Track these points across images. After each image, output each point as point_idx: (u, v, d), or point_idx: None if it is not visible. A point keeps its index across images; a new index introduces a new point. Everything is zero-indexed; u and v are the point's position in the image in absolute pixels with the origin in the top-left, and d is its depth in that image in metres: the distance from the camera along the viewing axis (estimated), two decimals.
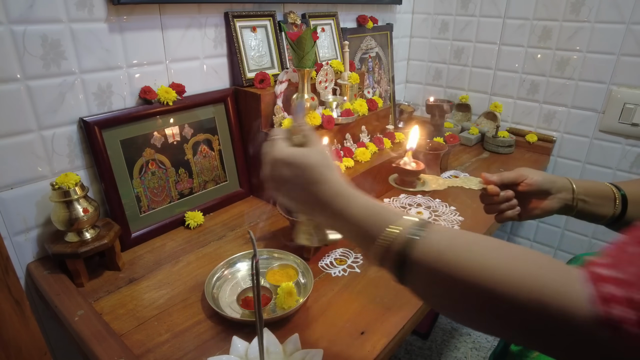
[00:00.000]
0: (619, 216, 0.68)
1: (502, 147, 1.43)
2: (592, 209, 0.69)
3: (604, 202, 0.69)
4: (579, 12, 1.29)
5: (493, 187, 0.68)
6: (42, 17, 0.73)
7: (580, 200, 0.69)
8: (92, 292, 0.76)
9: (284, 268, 0.78)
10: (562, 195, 0.69)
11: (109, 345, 0.62)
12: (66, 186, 0.73)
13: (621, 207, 0.68)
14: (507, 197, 0.69)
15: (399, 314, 0.70)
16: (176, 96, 0.93)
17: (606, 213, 0.69)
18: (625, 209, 0.68)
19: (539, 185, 0.68)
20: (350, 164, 1.03)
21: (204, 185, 1.03)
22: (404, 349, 1.46)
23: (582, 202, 0.69)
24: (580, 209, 0.70)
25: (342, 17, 1.35)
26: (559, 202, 0.69)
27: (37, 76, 0.75)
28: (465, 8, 1.53)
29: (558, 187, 0.69)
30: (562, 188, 0.69)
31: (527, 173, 0.69)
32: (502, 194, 0.69)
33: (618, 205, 0.68)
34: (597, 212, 0.69)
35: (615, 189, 0.69)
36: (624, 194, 0.68)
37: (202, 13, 0.97)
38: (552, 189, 0.68)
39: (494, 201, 0.70)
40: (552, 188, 0.68)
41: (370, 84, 1.50)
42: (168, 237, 0.92)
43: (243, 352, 0.60)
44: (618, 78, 1.28)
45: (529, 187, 0.68)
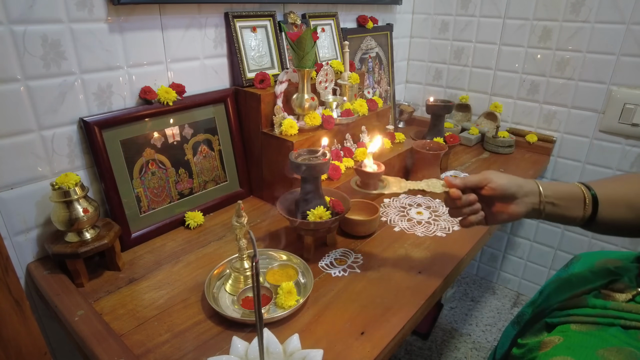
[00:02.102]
0: (591, 217, 0.66)
1: (502, 147, 1.43)
2: (561, 212, 0.67)
3: (573, 205, 0.67)
4: (579, 12, 1.29)
5: (455, 191, 0.68)
6: (42, 17, 0.73)
7: (548, 204, 0.67)
8: (92, 292, 0.76)
9: (284, 268, 0.78)
10: (528, 199, 0.67)
11: (109, 345, 0.62)
12: (66, 186, 0.73)
13: (592, 208, 0.66)
14: (469, 201, 0.68)
15: (399, 314, 0.70)
16: (176, 96, 0.93)
17: (576, 215, 0.67)
18: (596, 210, 0.66)
19: (504, 190, 0.66)
20: (350, 164, 1.03)
21: (204, 186, 1.03)
22: (404, 349, 1.46)
23: (550, 205, 0.67)
24: (548, 212, 0.67)
25: (342, 17, 1.35)
26: (526, 206, 0.67)
27: (37, 76, 0.75)
28: (465, 8, 1.53)
29: (524, 191, 0.67)
30: (529, 192, 0.67)
31: (491, 177, 0.67)
32: (464, 197, 0.68)
33: (588, 207, 0.66)
34: (566, 214, 0.67)
35: (586, 189, 0.67)
36: (594, 194, 0.66)
37: (202, 13, 0.97)
38: (517, 193, 0.66)
39: (456, 205, 0.69)
40: (517, 192, 0.66)
41: (370, 84, 1.50)
42: (168, 237, 0.92)
43: (243, 352, 0.60)
44: (618, 78, 1.28)
45: (493, 191, 0.66)
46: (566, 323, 0.65)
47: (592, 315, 0.63)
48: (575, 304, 0.67)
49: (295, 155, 0.82)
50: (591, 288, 0.68)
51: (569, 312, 0.66)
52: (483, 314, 1.64)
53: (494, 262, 1.77)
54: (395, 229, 0.96)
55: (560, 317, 0.67)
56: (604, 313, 0.63)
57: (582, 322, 0.64)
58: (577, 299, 0.68)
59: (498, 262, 1.76)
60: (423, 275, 0.80)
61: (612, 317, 0.62)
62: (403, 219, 1.00)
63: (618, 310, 0.62)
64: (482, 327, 1.57)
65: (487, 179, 0.67)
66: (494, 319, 1.62)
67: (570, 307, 0.67)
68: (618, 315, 0.62)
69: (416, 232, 0.95)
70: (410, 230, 0.96)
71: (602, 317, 0.63)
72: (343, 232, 0.93)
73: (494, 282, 1.80)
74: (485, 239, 0.98)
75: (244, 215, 0.72)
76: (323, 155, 0.82)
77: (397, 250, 0.88)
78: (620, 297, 0.64)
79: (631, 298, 0.64)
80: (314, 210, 0.80)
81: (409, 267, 0.82)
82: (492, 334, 1.54)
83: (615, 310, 0.62)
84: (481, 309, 1.66)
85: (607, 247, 1.45)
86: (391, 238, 0.93)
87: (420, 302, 0.73)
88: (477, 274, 1.85)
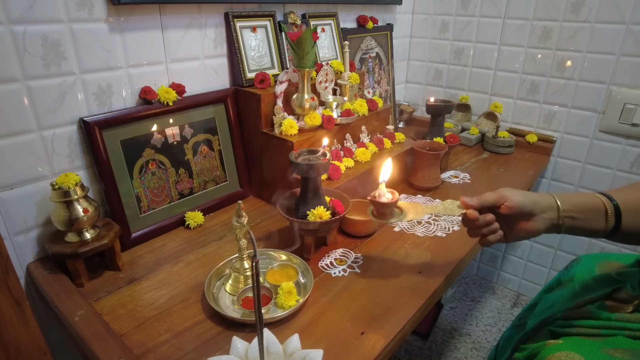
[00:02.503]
0: (614, 228, 0.64)
1: (502, 147, 1.43)
2: (582, 225, 0.65)
3: (594, 217, 0.64)
4: (579, 12, 1.29)
5: (472, 212, 0.66)
6: (42, 17, 0.73)
7: (568, 218, 0.65)
8: (92, 292, 0.76)
9: (284, 268, 0.78)
10: (546, 215, 0.65)
11: (109, 345, 0.62)
12: (66, 186, 0.73)
13: (614, 218, 0.64)
14: (487, 221, 0.66)
15: (399, 314, 0.70)
16: (176, 96, 0.93)
17: (598, 227, 0.65)
18: (620, 220, 0.64)
19: (521, 208, 0.64)
20: (350, 164, 1.03)
21: (204, 186, 1.03)
22: (404, 349, 1.46)
23: (570, 219, 0.65)
24: (569, 226, 0.66)
25: (342, 17, 1.35)
26: (545, 223, 0.65)
27: (37, 76, 0.75)
28: (465, 8, 1.53)
29: (542, 207, 0.65)
30: (547, 208, 0.65)
31: (508, 194, 0.65)
32: (482, 218, 0.66)
33: (611, 218, 0.64)
34: (588, 227, 0.65)
35: (607, 200, 0.64)
36: (617, 205, 0.64)
37: (202, 13, 0.97)
38: (535, 210, 0.65)
39: (475, 225, 0.67)
40: (535, 209, 0.65)
41: (370, 84, 1.50)
42: (168, 237, 0.92)
43: (243, 352, 0.60)
44: (618, 78, 1.28)
45: (510, 210, 0.65)
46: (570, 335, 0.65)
47: (596, 327, 0.63)
48: (579, 314, 0.67)
49: (295, 155, 0.82)
50: (595, 298, 0.68)
51: (573, 323, 0.66)
52: (483, 314, 1.64)
53: (494, 262, 1.77)
54: (395, 229, 0.96)
55: (565, 327, 0.66)
56: (608, 325, 0.63)
57: (586, 334, 0.63)
58: (581, 309, 0.67)
59: (498, 262, 1.76)
60: (423, 275, 0.80)
61: (617, 329, 0.62)
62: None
63: (622, 321, 0.62)
64: (482, 327, 1.57)
65: (504, 197, 0.66)
66: (494, 319, 1.61)
67: (574, 317, 0.67)
68: (622, 326, 0.62)
69: (416, 232, 0.95)
70: (410, 230, 0.96)
71: (606, 329, 0.62)
72: (343, 232, 0.93)
73: (494, 282, 1.80)
74: None
75: (244, 215, 0.72)
76: (323, 155, 0.82)
77: (397, 250, 0.88)
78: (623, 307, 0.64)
79: (635, 308, 0.63)
80: (314, 210, 0.80)
81: (409, 267, 0.82)
82: (492, 334, 1.54)
83: (620, 322, 0.62)
84: (481, 309, 1.66)
85: (607, 248, 1.45)
86: (391, 238, 0.93)
87: (420, 302, 0.73)
88: (477, 274, 1.85)
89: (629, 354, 0.57)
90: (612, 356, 0.57)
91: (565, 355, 0.59)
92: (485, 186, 1.19)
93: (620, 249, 1.42)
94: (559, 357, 0.59)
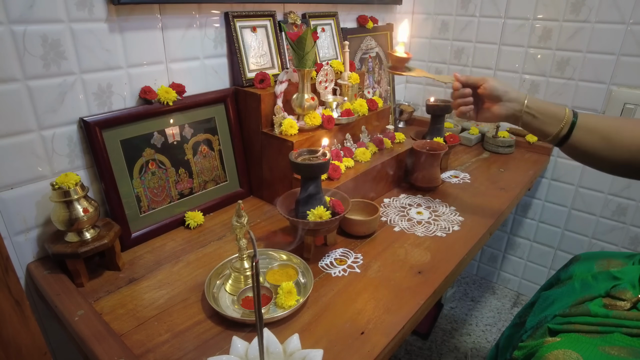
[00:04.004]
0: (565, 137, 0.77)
1: (502, 147, 1.43)
2: (537, 125, 0.79)
3: (551, 121, 0.78)
4: (579, 12, 1.29)
5: (456, 83, 0.85)
6: (42, 17, 0.73)
7: (528, 114, 0.79)
8: (92, 292, 0.76)
9: (284, 268, 0.78)
10: (511, 104, 0.80)
11: (109, 345, 0.62)
12: (66, 186, 0.73)
13: (567, 129, 0.76)
14: (464, 93, 0.84)
15: (399, 314, 0.70)
16: (176, 96, 0.93)
17: (551, 131, 0.78)
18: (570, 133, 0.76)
19: (492, 90, 0.80)
20: (350, 164, 1.03)
21: (204, 185, 1.03)
22: (404, 349, 1.46)
23: (529, 116, 0.79)
24: (526, 121, 0.80)
25: (342, 17, 1.35)
26: (507, 110, 0.80)
27: (37, 76, 0.75)
28: (465, 8, 1.53)
29: (509, 97, 0.80)
30: (514, 99, 0.80)
31: (488, 79, 0.82)
32: (461, 90, 0.84)
33: (565, 127, 0.76)
34: (542, 128, 0.79)
35: (571, 114, 0.77)
36: (575, 120, 0.76)
37: (202, 13, 0.97)
38: (503, 97, 0.80)
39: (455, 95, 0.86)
40: (503, 96, 0.80)
41: (370, 84, 1.50)
42: (168, 237, 0.92)
43: (243, 352, 0.60)
44: (618, 78, 1.28)
45: (484, 90, 0.81)
46: (568, 332, 0.65)
47: (594, 324, 0.64)
48: (578, 312, 0.67)
49: (295, 155, 0.82)
50: (594, 295, 0.68)
51: (571, 320, 0.66)
52: (483, 314, 1.64)
53: (494, 262, 1.77)
54: (395, 229, 0.96)
55: (563, 324, 0.67)
56: (605, 322, 0.63)
57: (584, 330, 0.64)
58: (580, 306, 0.68)
59: (498, 262, 1.76)
60: (423, 275, 0.80)
61: (614, 326, 0.62)
62: (403, 219, 1.00)
63: (620, 318, 0.62)
64: (482, 327, 1.57)
65: (484, 79, 0.82)
66: (494, 319, 1.62)
67: (573, 315, 0.67)
68: (620, 323, 0.62)
69: (416, 232, 0.95)
70: (410, 230, 0.96)
71: (603, 326, 0.63)
72: (343, 232, 0.93)
73: (494, 282, 1.80)
74: (485, 238, 0.98)
75: (244, 215, 0.72)
76: (323, 155, 0.82)
77: (397, 250, 0.88)
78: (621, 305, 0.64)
79: (632, 305, 0.64)
80: (314, 210, 0.80)
81: (409, 267, 0.82)
82: (492, 334, 1.54)
83: (617, 319, 0.62)
84: (481, 309, 1.66)
85: (607, 247, 1.45)
86: (391, 238, 0.93)
87: (420, 302, 0.73)
88: (477, 274, 1.85)
89: (626, 351, 0.58)
90: (609, 354, 0.57)
91: (563, 353, 0.59)
92: (485, 186, 1.19)
93: (620, 248, 1.42)
94: (557, 355, 0.59)
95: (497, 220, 1.02)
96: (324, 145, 0.85)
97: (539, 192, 1.55)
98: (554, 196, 1.52)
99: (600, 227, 1.44)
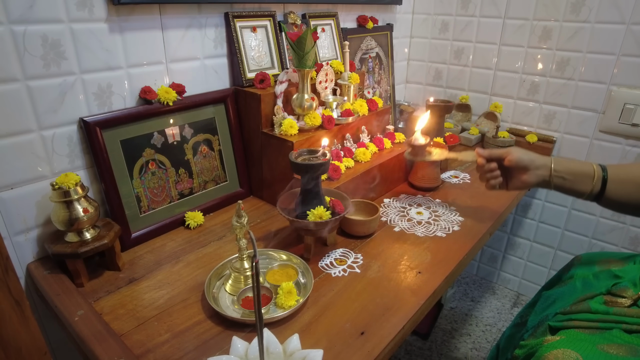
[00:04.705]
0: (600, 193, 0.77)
1: (502, 147, 1.42)
2: (569, 185, 0.80)
3: (582, 180, 0.78)
4: (579, 12, 1.29)
5: (481, 160, 0.86)
6: (43, 17, 0.73)
7: (558, 177, 0.80)
8: (92, 292, 0.76)
9: (284, 268, 0.78)
10: (540, 171, 0.81)
11: (109, 345, 0.62)
12: (66, 186, 0.73)
13: (600, 184, 0.76)
14: (490, 168, 0.86)
15: (399, 314, 0.70)
16: (176, 96, 0.93)
17: (584, 189, 0.78)
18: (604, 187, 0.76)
19: (518, 161, 0.82)
20: (350, 164, 1.03)
21: (204, 186, 1.03)
22: (404, 349, 1.46)
23: (559, 179, 0.80)
24: (557, 184, 0.81)
25: (342, 17, 1.35)
26: (537, 177, 0.81)
27: (37, 76, 0.75)
28: (465, 8, 1.53)
29: (536, 165, 0.81)
30: (541, 165, 0.81)
31: (512, 150, 0.83)
32: (487, 165, 0.85)
33: (596, 183, 0.77)
34: (575, 188, 0.79)
35: (599, 169, 0.77)
36: (605, 175, 0.76)
37: (202, 13, 0.97)
38: (530, 166, 0.81)
39: (481, 171, 0.87)
40: (530, 165, 0.81)
41: (370, 84, 1.50)
42: (168, 237, 0.92)
43: (243, 352, 0.60)
44: (618, 78, 1.28)
45: (510, 162, 0.82)
46: (568, 328, 0.65)
47: (594, 320, 0.64)
48: (578, 309, 0.67)
49: (295, 155, 0.82)
50: (595, 294, 0.69)
51: (571, 317, 0.66)
52: (483, 314, 1.64)
53: (494, 262, 1.77)
54: (395, 229, 0.96)
55: (563, 321, 0.67)
56: (605, 318, 0.63)
57: (584, 327, 0.64)
58: (581, 303, 0.68)
59: (498, 262, 1.76)
60: (423, 275, 0.80)
61: (614, 322, 0.62)
62: (403, 219, 1.00)
63: (620, 315, 0.63)
64: (482, 327, 1.57)
65: (508, 152, 0.83)
66: (494, 319, 1.62)
67: (573, 312, 0.68)
68: (620, 320, 0.62)
69: (416, 232, 0.95)
70: (410, 231, 0.96)
71: (603, 322, 0.63)
72: (343, 232, 0.93)
73: (494, 282, 1.80)
74: (485, 239, 0.98)
75: (244, 215, 0.72)
76: (323, 155, 0.82)
77: (397, 250, 0.88)
78: (622, 302, 0.65)
79: (633, 302, 0.64)
80: (314, 210, 0.80)
81: (409, 267, 0.82)
82: (492, 334, 1.54)
83: (617, 316, 0.63)
84: (481, 309, 1.66)
85: (607, 247, 1.45)
86: (391, 238, 0.93)
87: (420, 302, 0.73)
88: (477, 274, 1.85)
89: (624, 350, 0.58)
90: (608, 353, 0.58)
91: (562, 352, 0.59)
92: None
93: (620, 248, 1.42)
94: (556, 354, 0.59)
95: (497, 221, 1.02)
96: (324, 145, 0.85)
97: (539, 192, 1.55)
98: (554, 196, 1.52)
99: (601, 227, 1.44)
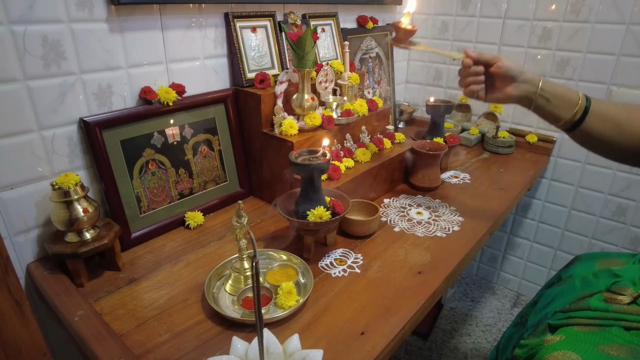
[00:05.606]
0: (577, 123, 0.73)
1: (502, 147, 1.43)
2: (550, 109, 0.75)
3: (564, 105, 0.73)
4: (579, 12, 1.29)
5: (467, 60, 0.78)
6: (43, 17, 0.73)
7: (542, 97, 0.75)
8: (92, 292, 0.76)
9: (284, 268, 0.78)
10: (525, 85, 0.75)
11: (109, 345, 0.62)
12: (66, 186, 0.73)
13: (580, 114, 0.72)
14: (476, 71, 0.78)
15: (399, 314, 0.70)
16: (176, 96, 0.93)
17: (563, 115, 0.74)
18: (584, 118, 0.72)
19: (507, 70, 0.75)
20: (350, 164, 1.03)
21: (204, 186, 1.03)
22: (404, 349, 1.46)
23: (543, 99, 0.75)
24: (539, 104, 0.75)
25: (342, 17, 1.35)
26: (520, 91, 0.76)
27: (37, 76, 0.75)
28: (465, 8, 1.53)
29: (524, 78, 0.75)
30: (528, 80, 0.75)
31: (502, 58, 0.76)
32: (473, 68, 0.78)
33: (578, 112, 0.72)
34: (554, 112, 0.75)
35: (584, 99, 0.73)
36: (589, 105, 0.72)
37: (202, 13, 0.97)
38: (517, 77, 0.75)
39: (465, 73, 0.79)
40: (517, 76, 0.75)
41: (370, 84, 1.50)
42: (168, 237, 0.92)
43: (243, 352, 0.60)
44: (618, 78, 1.28)
45: (498, 69, 0.76)
46: (568, 325, 0.65)
47: (593, 318, 0.64)
48: (578, 307, 0.68)
49: (295, 155, 0.82)
50: (594, 292, 0.69)
51: (571, 315, 0.66)
52: (483, 314, 1.64)
53: (494, 262, 1.77)
54: (395, 229, 0.96)
55: (562, 319, 0.67)
56: (605, 315, 0.63)
57: (583, 324, 0.64)
58: (580, 301, 0.68)
59: (498, 262, 1.76)
60: (423, 275, 0.80)
61: (613, 319, 0.62)
62: (403, 219, 1.00)
63: (619, 312, 0.63)
64: (482, 327, 1.57)
65: (498, 58, 0.77)
66: (494, 319, 1.62)
67: (573, 310, 0.68)
68: (619, 317, 0.62)
69: (416, 232, 0.95)
70: (410, 231, 0.96)
71: (603, 320, 0.63)
72: (343, 232, 0.93)
73: (494, 283, 1.80)
74: (485, 239, 0.98)
75: (244, 215, 0.72)
76: (323, 155, 0.82)
77: (397, 250, 0.88)
78: (621, 299, 0.65)
79: (632, 300, 0.64)
80: (314, 210, 0.80)
81: (409, 267, 0.82)
82: (492, 334, 1.54)
83: (617, 313, 0.63)
84: (481, 309, 1.66)
85: (607, 247, 1.45)
86: (391, 238, 0.93)
87: (420, 302, 0.73)
88: (477, 274, 1.85)
89: (624, 350, 0.58)
90: (608, 354, 0.58)
91: (563, 354, 0.59)
92: (485, 186, 1.19)
93: (620, 248, 1.42)
94: (557, 356, 0.59)
95: (497, 221, 1.02)
96: (324, 146, 0.85)
97: (539, 193, 1.55)
98: (554, 196, 1.52)
99: (600, 227, 1.44)
